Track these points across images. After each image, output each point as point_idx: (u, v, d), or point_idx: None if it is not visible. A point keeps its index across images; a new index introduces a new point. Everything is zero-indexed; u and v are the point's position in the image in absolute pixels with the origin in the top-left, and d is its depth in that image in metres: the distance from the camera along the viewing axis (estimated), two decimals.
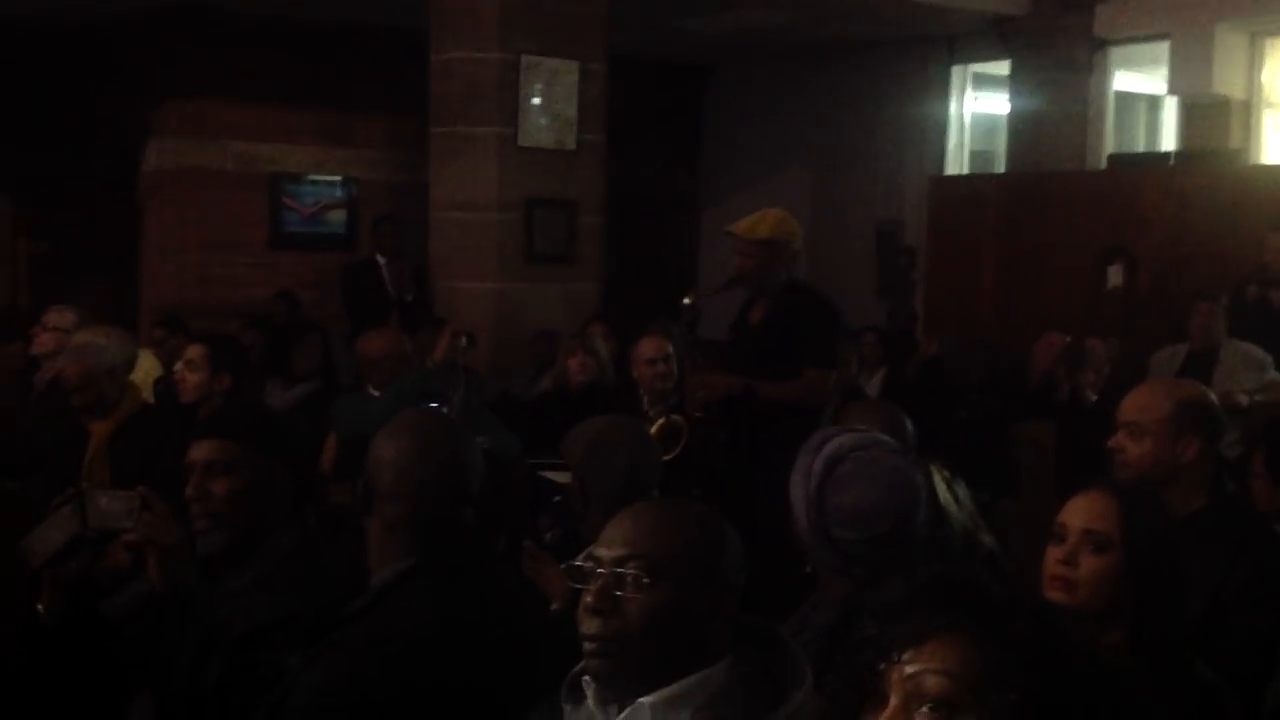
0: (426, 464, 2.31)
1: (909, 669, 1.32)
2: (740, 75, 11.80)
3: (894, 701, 1.32)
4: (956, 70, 10.71)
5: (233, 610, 2.49)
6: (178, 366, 4.93)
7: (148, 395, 5.30)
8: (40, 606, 2.47)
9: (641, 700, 1.74)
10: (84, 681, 2.52)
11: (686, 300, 5.00)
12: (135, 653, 2.44)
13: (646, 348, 5.46)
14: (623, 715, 1.76)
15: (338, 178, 10.42)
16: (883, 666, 1.34)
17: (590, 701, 1.80)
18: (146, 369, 5.90)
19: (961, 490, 2.88)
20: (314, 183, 10.35)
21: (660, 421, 4.77)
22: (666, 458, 3.76)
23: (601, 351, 5.85)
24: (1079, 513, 2.27)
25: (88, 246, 10.50)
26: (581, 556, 1.84)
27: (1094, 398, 6.34)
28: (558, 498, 2.78)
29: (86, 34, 9.84)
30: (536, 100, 7.44)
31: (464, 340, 4.38)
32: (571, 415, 5.31)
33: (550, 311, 7.52)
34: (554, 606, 2.60)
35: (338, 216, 10.46)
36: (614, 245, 8.54)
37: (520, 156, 7.45)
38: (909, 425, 3.39)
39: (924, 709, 1.30)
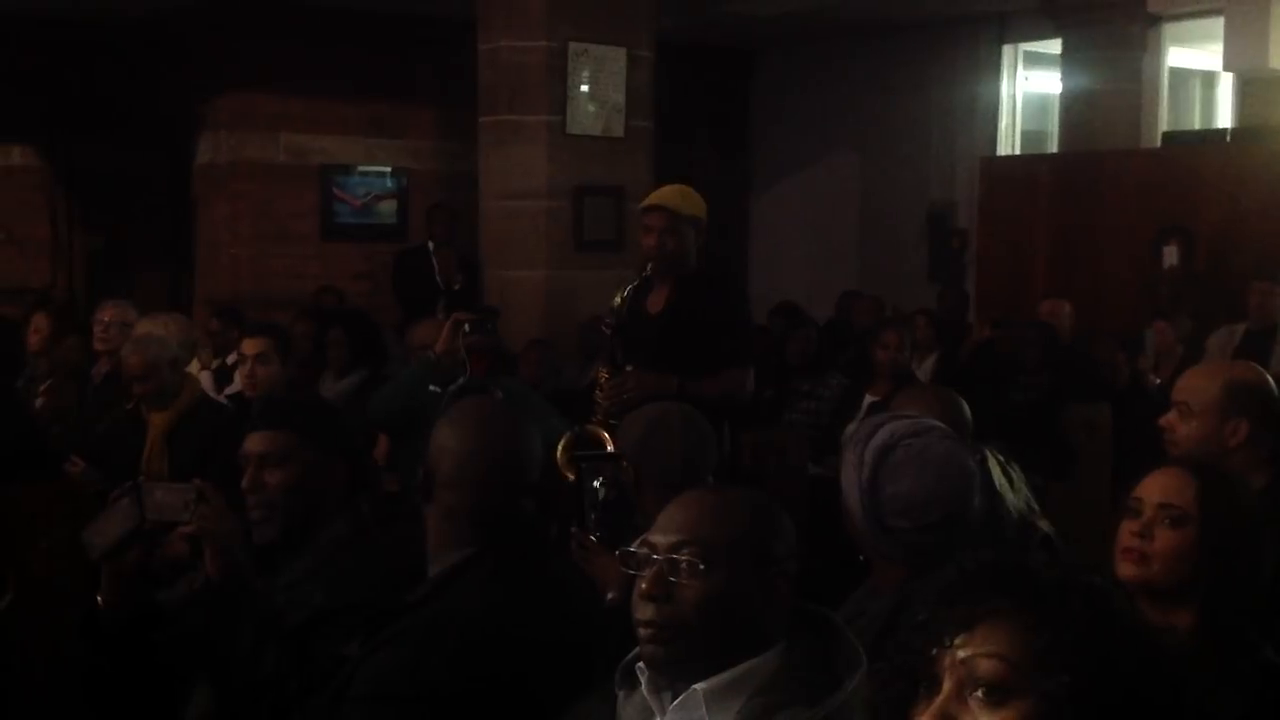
0: (488, 453, 2.31)
1: (961, 653, 1.31)
2: (788, 59, 11.74)
3: (947, 686, 1.32)
4: (1007, 49, 10.61)
5: (288, 600, 2.51)
6: (233, 358, 4.99)
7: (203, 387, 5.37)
8: (99, 597, 2.51)
9: (696, 686, 1.75)
10: (143, 672, 2.55)
11: (616, 300, 4.40)
12: (193, 643, 2.47)
13: None
14: (677, 701, 1.77)
15: (387, 169, 10.48)
16: (935, 651, 1.33)
17: (644, 688, 1.80)
18: (205, 359, 5.98)
19: (1016, 474, 2.87)
20: (364, 174, 10.42)
21: (567, 436, 3.74)
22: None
23: None
24: (1156, 487, 2.27)
25: (143, 240, 10.63)
26: (636, 543, 1.85)
27: (1157, 381, 6.28)
28: (598, 483, 2.77)
29: (140, 28, 9.94)
30: (584, 88, 7.44)
31: (467, 327, 4.29)
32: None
33: (600, 299, 7.50)
34: (610, 597, 2.61)
35: (388, 207, 10.53)
36: None
37: (568, 144, 7.45)
38: (965, 410, 3.37)
39: (977, 693, 1.30)
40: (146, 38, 10.02)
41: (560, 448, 3.55)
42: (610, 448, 3.61)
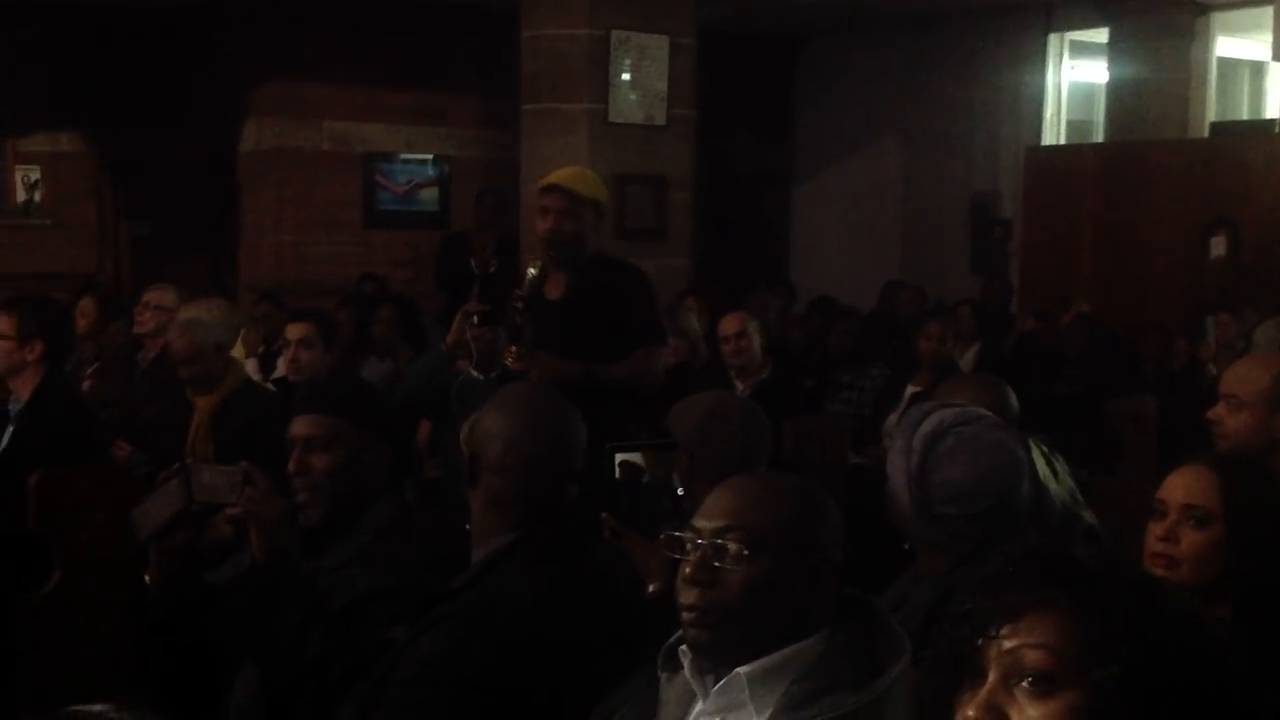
0: (535, 440, 2.32)
1: (1007, 644, 1.31)
2: (832, 47, 11.69)
3: (992, 676, 1.31)
4: (1054, 38, 10.51)
5: (333, 583, 2.54)
6: (283, 343, 5.04)
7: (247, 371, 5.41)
8: (147, 577, 2.54)
9: (739, 670, 1.75)
10: (191, 652, 2.58)
11: (528, 274, 4.24)
12: (238, 625, 2.49)
13: (724, 324, 5.46)
14: (719, 685, 1.77)
15: (429, 156, 10.53)
16: (981, 641, 1.33)
17: (687, 671, 1.81)
18: (249, 343, 6.03)
19: (1061, 466, 2.85)
20: (406, 161, 10.47)
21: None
22: None
23: (693, 329, 5.84)
24: (1178, 488, 2.24)
25: (187, 226, 10.72)
26: (681, 528, 1.85)
27: (1215, 372, 6.23)
28: (646, 477, 2.76)
29: (186, 16, 10.02)
30: (626, 76, 7.43)
31: (475, 319, 4.25)
32: (665, 392, 5.35)
33: None
34: (652, 588, 2.62)
35: (430, 194, 10.57)
36: (705, 221, 8.53)
37: (610, 132, 7.45)
38: (1012, 398, 3.35)
39: (1023, 683, 1.29)
40: (193, 25, 10.10)
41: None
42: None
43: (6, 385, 4.14)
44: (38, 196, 10.51)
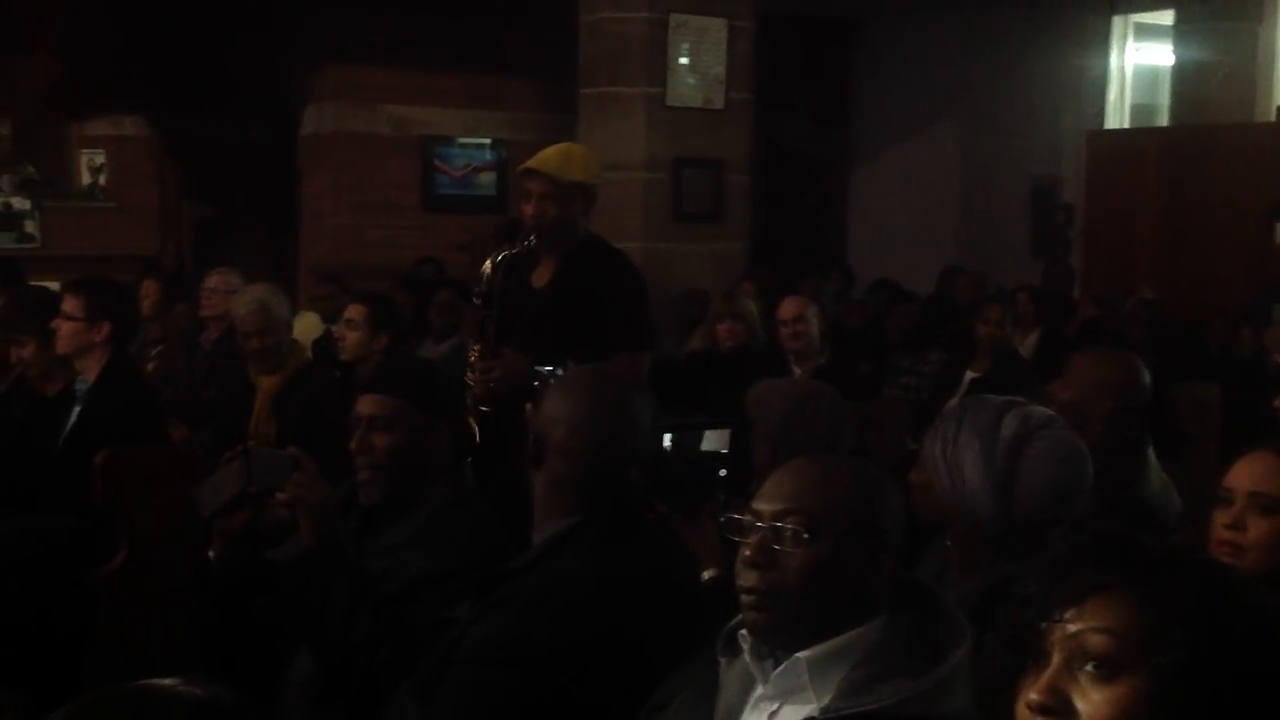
0: (600, 423, 2.31)
1: (1071, 627, 1.30)
2: (891, 29, 11.60)
3: (1056, 660, 1.31)
4: (1117, 20, 10.37)
5: (389, 563, 2.56)
6: (337, 326, 5.10)
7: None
8: (210, 553, 2.59)
9: (798, 655, 1.75)
10: (251, 627, 2.62)
11: (485, 267, 4.05)
12: (290, 607, 2.52)
13: (783, 308, 5.45)
14: (779, 670, 1.77)
15: (487, 141, 10.57)
16: (1044, 625, 1.32)
17: (746, 655, 1.81)
18: (308, 326, 6.09)
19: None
20: (464, 145, 10.51)
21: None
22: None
23: (750, 313, 5.83)
24: (1245, 474, 2.21)
25: (248, 209, 10.83)
26: (741, 511, 1.85)
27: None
28: (723, 471, 2.76)
29: (248, 1, 10.10)
30: (684, 59, 7.42)
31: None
32: (720, 376, 5.36)
33: (697, 271, 7.52)
34: (709, 573, 2.62)
35: (488, 179, 10.62)
36: (762, 205, 8.50)
37: (668, 116, 7.45)
38: (1145, 375, 3.32)
39: (1087, 668, 1.28)
40: (256, 10, 10.18)
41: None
42: (478, 438, 3.44)
43: (74, 366, 4.19)
44: (102, 180, 10.66)
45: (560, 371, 2.91)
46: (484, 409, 3.77)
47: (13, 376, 4.51)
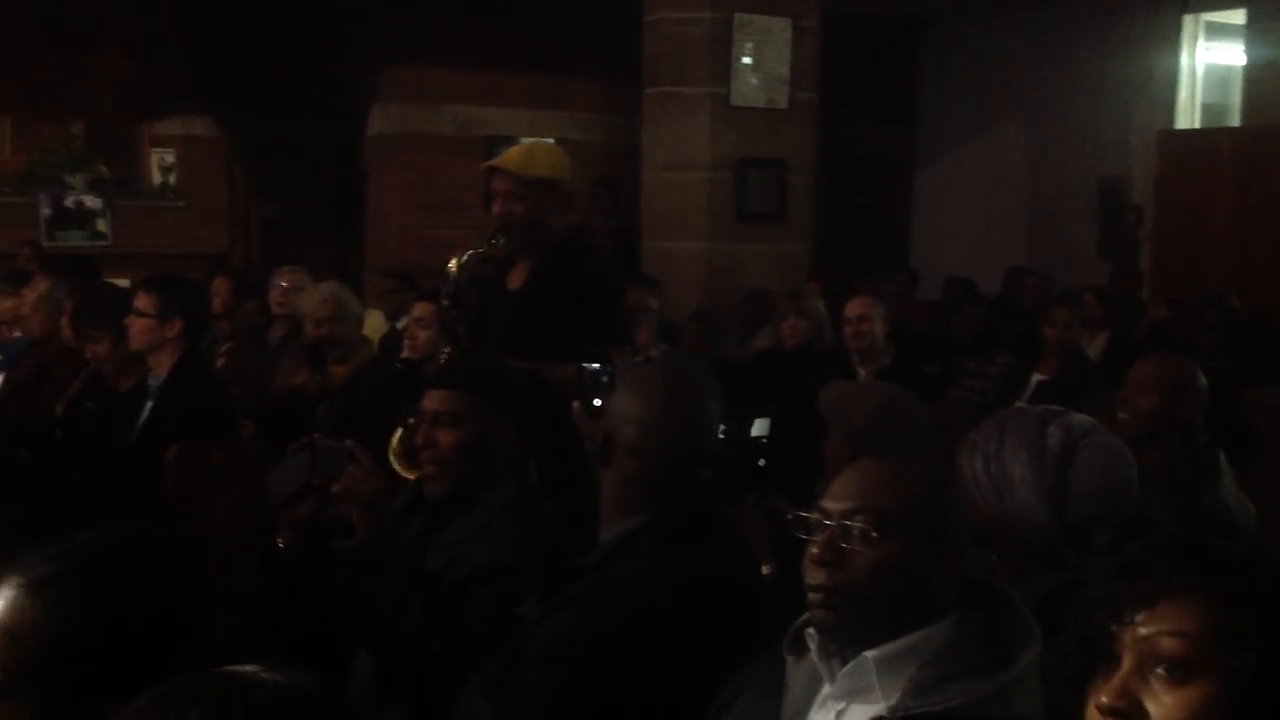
0: (670, 422, 2.30)
1: (1143, 630, 1.29)
2: (957, 29, 11.51)
3: (1127, 663, 1.30)
4: (1188, 19, 10.22)
5: (448, 558, 2.58)
6: (403, 322, 5.17)
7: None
8: (279, 541, 2.64)
9: (866, 654, 1.74)
10: (319, 614, 2.65)
11: (450, 265, 3.96)
12: (344, 599, 2.56)
13: (850, 307, 5.42)
14: (847, 668, 1.76)
15: (550, 140, 10.60)
16: (1115, 628, 1.31)
17: (814, 654, 1.80)
18: (373, 324, 6.16)
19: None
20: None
21: (410, 423, 3.33)
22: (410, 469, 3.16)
23: (816, 312, 5.81)
24: None
25: (315, 208, 10.95)
26: (810, 509, 1.85)
27: None
28: (761, 462, 2.75)
29: (316, 2, 10.21)
30: (747, 59, 7.41)
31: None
32: (785, 375, 5.35)
33: (761, 271, 7.51)
34: (765, 569, 2.61)
35: None
36: (826, 205, 8.47)
37: (732, 116, 7.45)
38: (1201, 379, 3.30)
39: (1159, 670, 1.27)
40: (324, 12, 10.29)
41: (395, 439, 3.39)
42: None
43: (146, 362, 4.26)
44: (172, 179, 10.83)
45: (606, 368, 2.89)
46: None
47: (87, 372, 4.60)
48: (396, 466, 3.30)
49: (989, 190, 11.28)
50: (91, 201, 10.35)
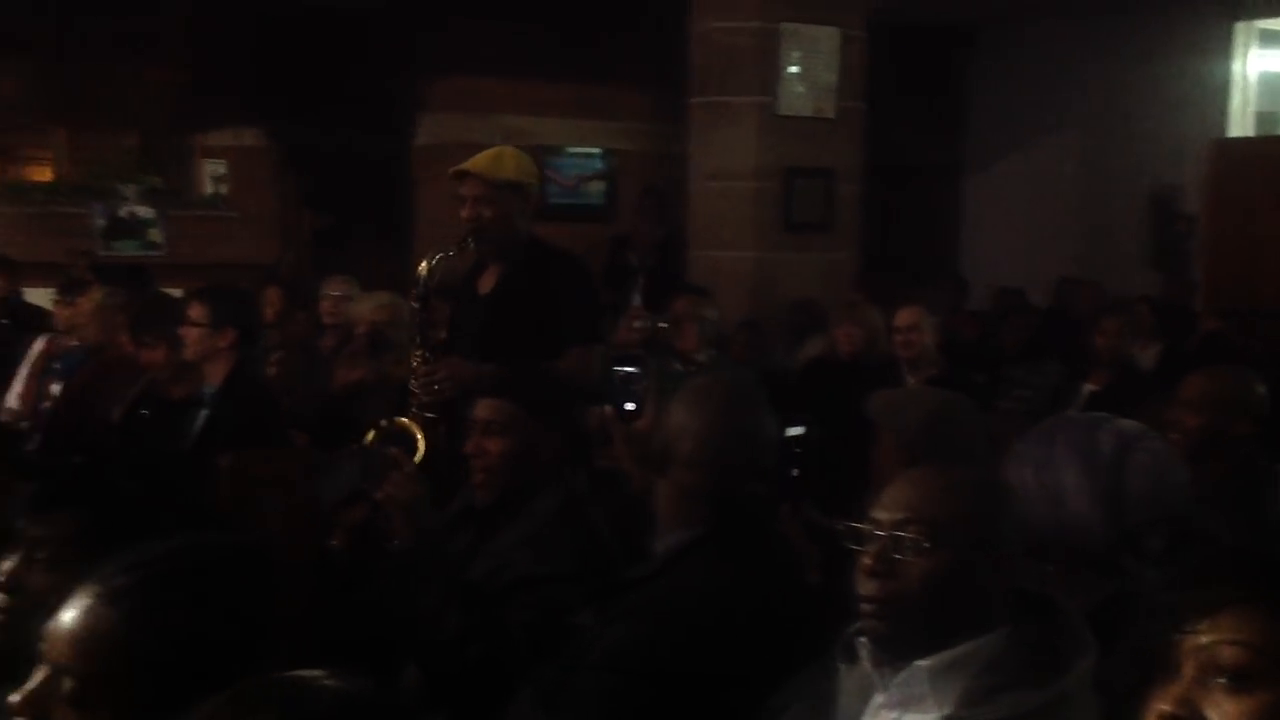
0: (726, 436, 2.31)
1: (1204, 639, 1.28)
2: (1006, 37, 11.45)
3: (1187, 672, 1.29)
4: (1240, 27, 10.11)
5: (496, 565, 2.60)
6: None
7: None
8: (334, 542, 2.67)
9: (918, 663, 1.74)
10: (373, 616, 2.68)
11: (421, 268, 3.92)
12: (385, 604, 2.58)
13: (899, 316, 5.41)
14: (899, 677, 1.76)
15: (597, 150, 10.64)
16: (1176, 637, 1.31)
17: (865, 662, 1.81)
18: None
19: None
20: (573, 155, 10.59)
21: (382, 425, 3.45)
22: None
23: (871, 322, 5.80)
24: None
25: (364, 218, 11.03)
26: (861, 519, 1.85)
27: None
28: (795, 471, 2.75)
29: (365, 14, 10.30)
30: (794, 69, 7.40)
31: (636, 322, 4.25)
32: (836, 384, 5.33)
33: (807, 281, 7.50)
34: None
35: (597, 188, 10.68)
36: (874, 214, 8.45)
37: (779, 125, 7.43)
38: (1259, 390, 3.27)
39: (1220, 680, 1.27)
40: (372, 23, 10.38)
41: (368, 439, 3.35)
42: (422, 443, 3.34)
43: (200, 370, 4.31)
44: (223, 189, 10.95)
45: (638, 372, 2.90)
46: (429, 415, 3.66)
47: (143, 381, 4.66)
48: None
49: (1039, 199, 11.20)
50: (145, 212, 10.48)
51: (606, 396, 2.79)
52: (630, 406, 2.78)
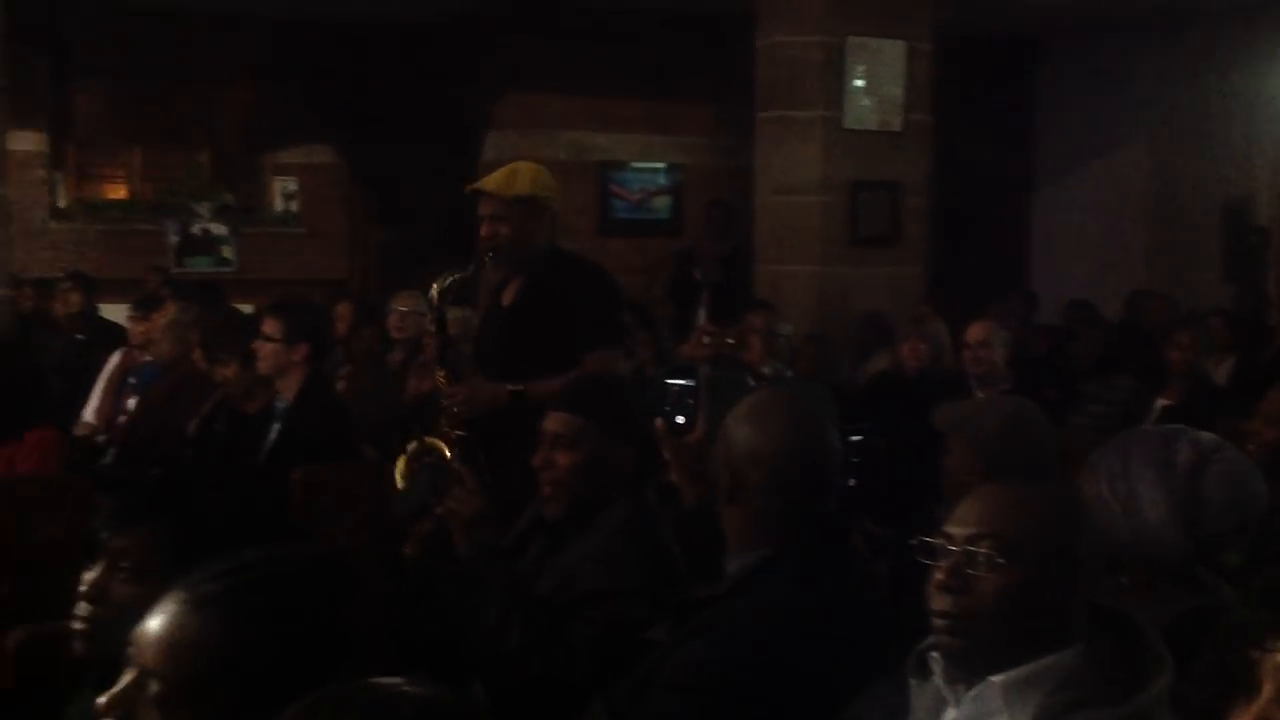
0: (797, 457, 2.29)
1: None
2: (1076, 48, 11.34)
3: (1267, 690, 1.28)
4: None
5: (563, 579, 2.61)
6: None
7: None
8: (407, 550, 2.71)
9: (992, 679, 1.73)
10: (443, 625, 2.71)
11: (434, 288, 3.94)
12: (448, 614, 2.60)
13: (971, 331, 5.38)
14: (972, 693, 1.75)
15: (662, 165, 10.66)
16: (1256, 654, 1.29)
17: (938, 678, 1.80)
18: None
19: None
20: (639, 170, 10.63)
21: (412, 445, 3.51)
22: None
23: (938, 336, 5.77)
24: None
25: (431, 233, 11.13)
26: (934, 533, 1.84)
27: None
28: (851, 482, 2.75)
29: (432, 32, 10.41)
30: (860, 82, 7.39)
31: (706, 339, 4.27)
32: (903, 399, 5.31)
33: (874, 295, 7.47)
34: None
35: (663, 202, 10.71)
36: (941, 228, 8.40)
37: (845, 139, 7.42)
38: None
39: None
40: (441, 40, 10.50)
41: (404, 458, 3.39)
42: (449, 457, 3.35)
43: (273, 385, 4.37)
44: (294, 206, 11.11)
45: (691, 385, 2.91)
46: (459, 433, 3.67)
47: (217, 395, 4.73)
48: (399, 480, 3.31)
49: (1109, 212, 11.07)
50: (217, 229, 10.67)
51: (658, 409, 2.80)
52: (681, 420, 2.79)
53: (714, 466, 2.37)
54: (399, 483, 3.32)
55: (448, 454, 3.42)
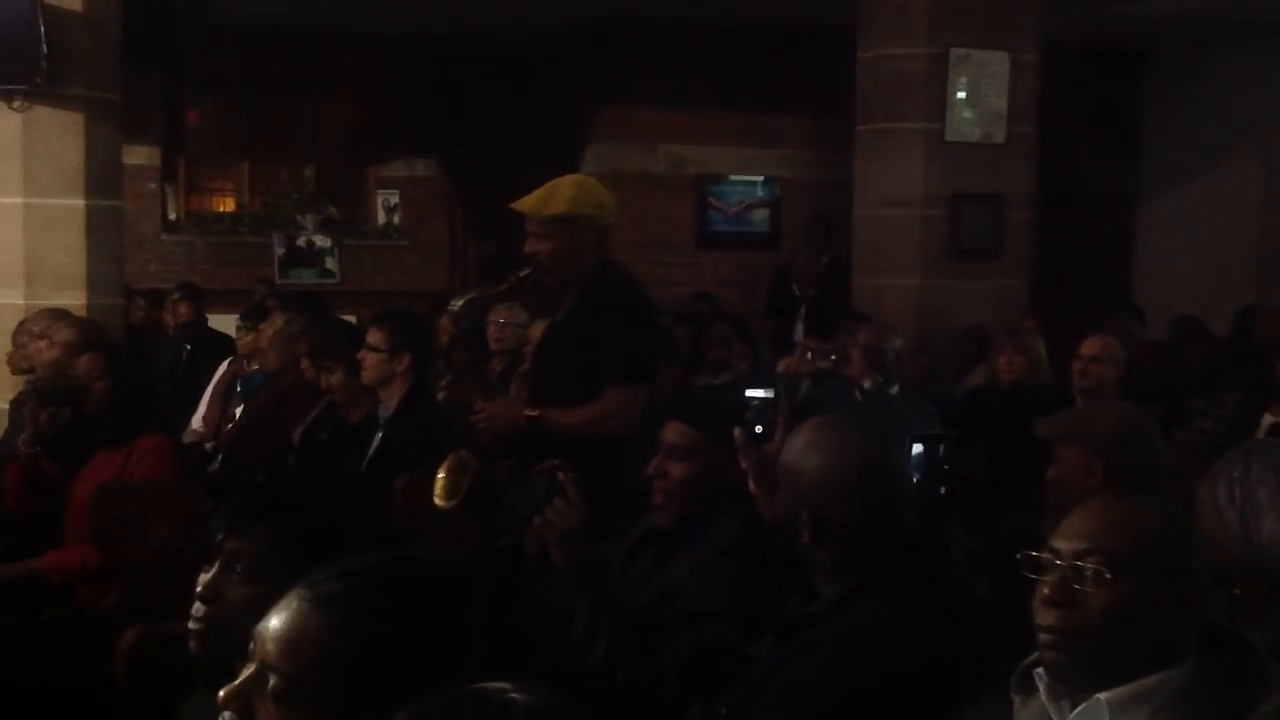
0: (873, 486, 2.29)
1: None
2: (1184, 61, 11.13)
3: None
4: None
5: (663, 592, 2.61)
6: None
7: None
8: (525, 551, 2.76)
9: (1099, 696, 1.71)
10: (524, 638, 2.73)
11: (454, 304, 3.94)
12: (537, 623, 2.62)
13: (1085, 345, 5.30)
14: (1078, 710, 1.73)
15: (760, 178, 10.65)
16: None
17: (1043, 694, 1.78)
18: None
19: None
20: (736, 183, 10.62)
21: (448, 460, 3.34)
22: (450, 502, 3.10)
23: (1033, 349, 5.69)
24: None
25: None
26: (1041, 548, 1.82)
27: None
28: (943, 489, 2.72)
29: (532, 48, 10.52)
30: (962, 94, 7.31)
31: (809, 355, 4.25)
32: (1001, 412, 5.25)
33: (975, 308, 7.38)
34: None
35: (761, 215, 10.69)
36: (1045, 241, 8.29)
37: (946, 151, 7.35)
38: None
39: None
40: (540, 56, 10.60)
41: (444, 470, 3.26)
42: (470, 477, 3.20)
43: (377, 394, 4.43)
44: (396, 219, 11.26)
45: (771, 398, 2.90)
46: (493, 449, 3.67)
47: (322, 404, 4.81)
48: (437, 498, 3.25)
49: (1217, 225, 10.84)
50: (321, 241, 10.86)
51: (741, 420, 2.80)
52: (760, 429, 2.79)
53: (786, 501, 2.36)
54: (437, 498, 3.20)
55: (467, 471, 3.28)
